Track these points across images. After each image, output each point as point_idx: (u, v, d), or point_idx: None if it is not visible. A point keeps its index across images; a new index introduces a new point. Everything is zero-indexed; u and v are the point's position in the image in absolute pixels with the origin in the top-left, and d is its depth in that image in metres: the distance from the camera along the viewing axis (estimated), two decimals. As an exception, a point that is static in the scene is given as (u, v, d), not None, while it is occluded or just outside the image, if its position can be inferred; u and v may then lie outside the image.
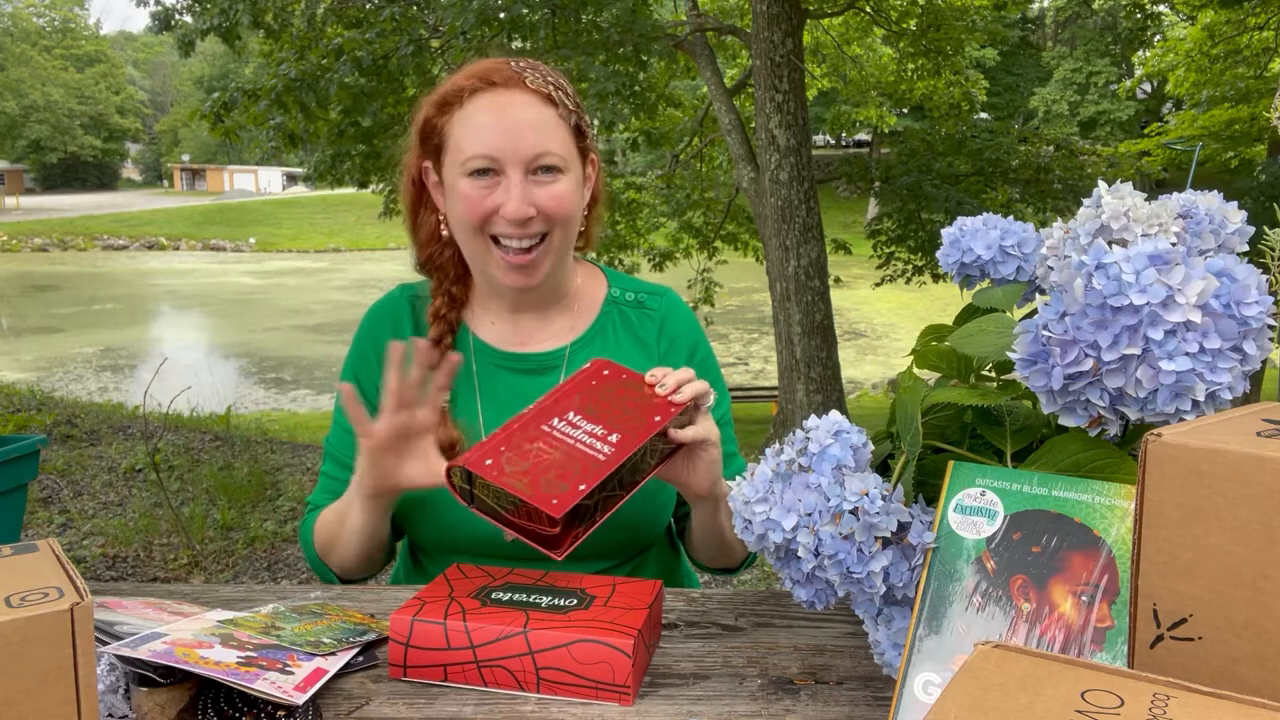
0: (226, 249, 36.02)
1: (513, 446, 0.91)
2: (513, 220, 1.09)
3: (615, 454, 0.91)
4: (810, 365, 7.20)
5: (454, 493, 0.93)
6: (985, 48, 25.60)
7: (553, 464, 0.88)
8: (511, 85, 1.10)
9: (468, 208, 1.11)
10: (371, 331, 1.27)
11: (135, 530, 4.79)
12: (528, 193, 1.09)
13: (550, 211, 1.11)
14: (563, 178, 1.12)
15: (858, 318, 20.12)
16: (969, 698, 0.43)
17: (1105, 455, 0.73)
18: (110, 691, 0.78)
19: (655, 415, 0.97)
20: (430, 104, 1.15)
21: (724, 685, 0.88)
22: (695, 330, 1.30)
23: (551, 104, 1.11)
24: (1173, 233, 0.73)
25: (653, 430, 0.95)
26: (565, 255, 1.19)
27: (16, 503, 1.18)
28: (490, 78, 1.11)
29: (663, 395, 0.99)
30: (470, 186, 1.10)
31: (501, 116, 1.09)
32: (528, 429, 0.93)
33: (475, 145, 1.09)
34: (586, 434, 0.93)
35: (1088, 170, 9.75)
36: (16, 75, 49.00)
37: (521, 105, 1.10)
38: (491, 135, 1.08)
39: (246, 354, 16.66)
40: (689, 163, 10.67)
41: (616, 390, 1.00)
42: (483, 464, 0.88)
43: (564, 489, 0.85)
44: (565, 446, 0.91)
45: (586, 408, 0.96)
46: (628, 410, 0.97)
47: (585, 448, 0.91)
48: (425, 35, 7.54)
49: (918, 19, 10.75)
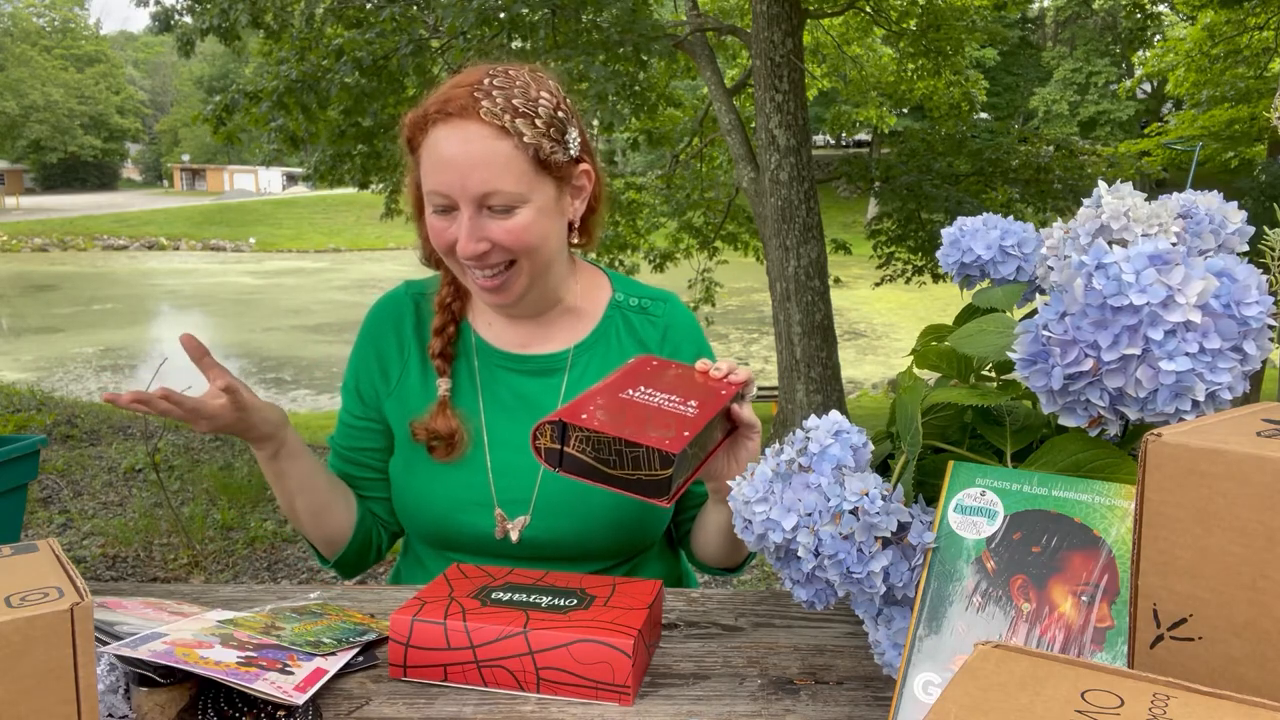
0: (226, 249, 36.03)
1: (602, 405, 0.92)
2: (464, 256, 1.10)
3: (702, 412, 0.93)
4: (810, 365, 7.20)
5: (538, 456, 0.91)
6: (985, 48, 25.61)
7: (648, 419, 0.90)
8: (467, 116, 1.07)
9: (434, 238, 1.13)
10: (372, 331, 1.28)
11: (135, 530, 4.79)
12: (478, 228, 1.08)
13: (505, 244, 1.10)
14: (519, 211, 1.09)
15: (858, 318, 20.12)
16: (969, 698, 0.43)
17: (1105, 455, 0.73)
18: (110, 691, 0.79)
19: (720, 390, 1.00)
20: (410, 121, 1.14)
21: (724, 685, 0.88)
22: (698, 337, 1.30)
23: (506, 135, 1.07)
24: (1173, 233, 0.73)
25: (723, 401, 0.98)
26: (543, 274, 1.17)
27: (16, 503, 1.18)
28: (448, 107, 1.08)
29: (719, 377, 1.02)
30: (434, 219, 1.11)
31: (454, 152, 1.07)
32: (608, 395, 0.95)
33: (431, 180, 1.09)
34: (665, 400, 0.95)
35: (1088, 170, 9.75)
36: (16, 75, 49.00)
37: (475, 139, 1.07)
38: (444, 172, 1.08)
39: (246, 354, 16.66)
40: (689, 163, 10.67)
41: (673, 373, 1.03)
42: (580, 418, 0.89)
43: (670, 434, 0.87)
44: (651, 408, 0.93)
45: (655, 383, 0.99)
46: (691, 386, 1.00)
47: (670, 409, 0.93)
48: (425, 35, 7.54)
49: (918, 19, 10.75)
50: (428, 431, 1.19)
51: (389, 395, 1.25)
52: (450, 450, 1.19)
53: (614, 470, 0.89)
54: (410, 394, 1.23)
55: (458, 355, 1.24)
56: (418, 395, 1.23)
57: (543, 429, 0.91)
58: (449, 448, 1.19)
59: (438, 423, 1.18)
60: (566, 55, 6.73)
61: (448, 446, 1.19)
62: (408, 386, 1.24)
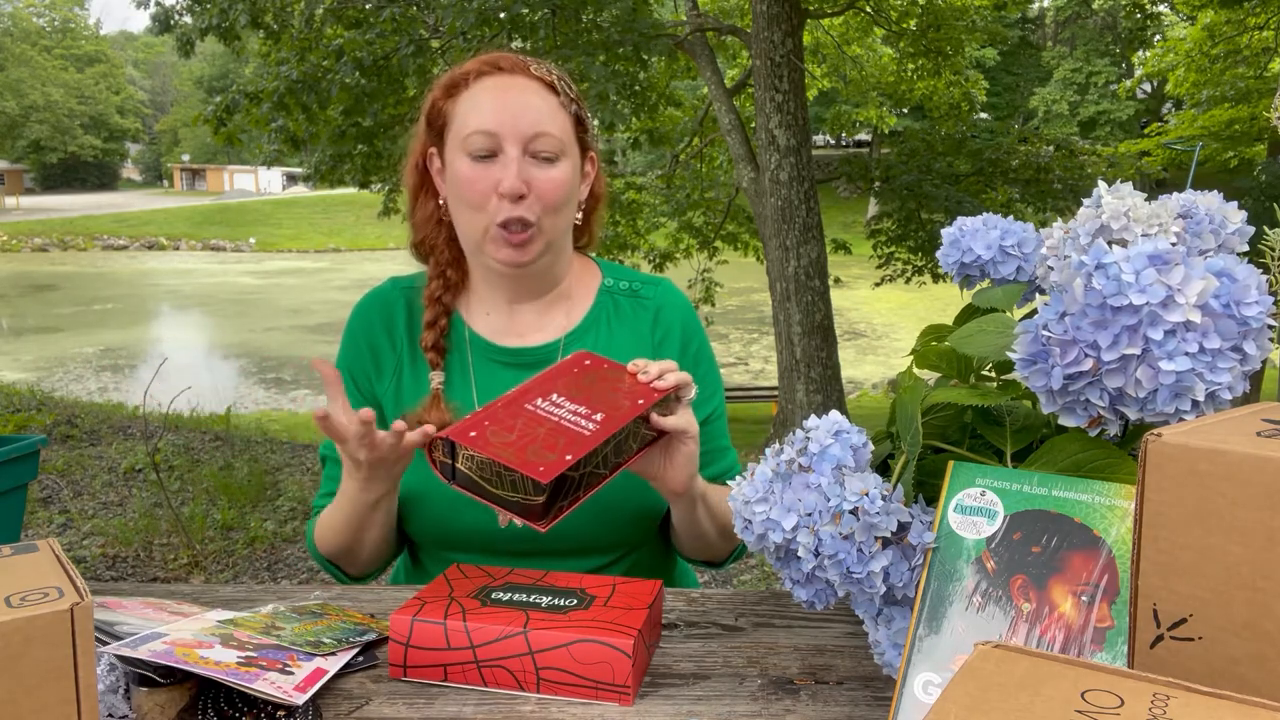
0: (226, 249, 36.02)
1: (496, 421, 0.91)
2: (507, 194, 1.11)
3: (600, 430, 0.91)
4: (810, 365, 7.20)
5: (434, 468, 0.93)
6: (985, 48, 25.61)
7: (538, 437, 0.89)
8: (516, 71, 1.16)
9: (466, 187, 1.13)
10: (363, 322, 1.27)
11: (135, 530, 4.79)
12: (524, 169, 1.12)
13: (543, 193, 1.13)
14: (559, 163, 1.15)
15: (858, 318, 20.11)
16: (969, 698, 0.43)
17: (1105, 455, 0.73)
18: (110, 691, 0.79)
19: (639, 399, 0.98)
20: (439, 87, 1.20)
21: (724, 685, 0.88)
22: (691, 321, 1.30)
23: (554, 91, 1.16)
24: (1173, 233, 0.73)
25: (636, 412, 0.96)
26: (557, 242, 1.20)
27: (16, 503, 1.18)
28: (497, 63, 1.17)
29: (645, 382, 1.01)
30: (469, 166, 1.13)
31: (504, 96, 1.14)
32: (511, 406, 0.94)
33: (477, 120, 1.13)
34: (570, 412, 0.94)
35: (1088, 170, 9.75)
36: (16, 75, 49.01)
37: (524, 88, 1.15)
38: (492, 112, 1.13)
39: (246, 354, 16.65)
40: (689, 163, 10.67)
41: (599, 377, 1.01)
42: (467, 435, 0.89)
43: (551, 458, 0.86)
44: (550, 423, 0.92)
45: (570, 390, 0.98)
46: (610, 394, 0.98)
47: (569, 424, 0.92)
48: (425, 35, 7.54)
49: (918, 19, 10.75)
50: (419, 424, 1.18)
51: (383, 389, 1.25)
52: None
53: (495, 490, 0.90)
54: (403, 388, 1.23)
55: (450, 349, 1.24)
56: (411, 389, 1.23)
57: (435, 444, 0.92)
58: None
59: (431, 416, 1.18)
60: (566, 55, 6.73)
61: None
62: (401, 381, 1.24)
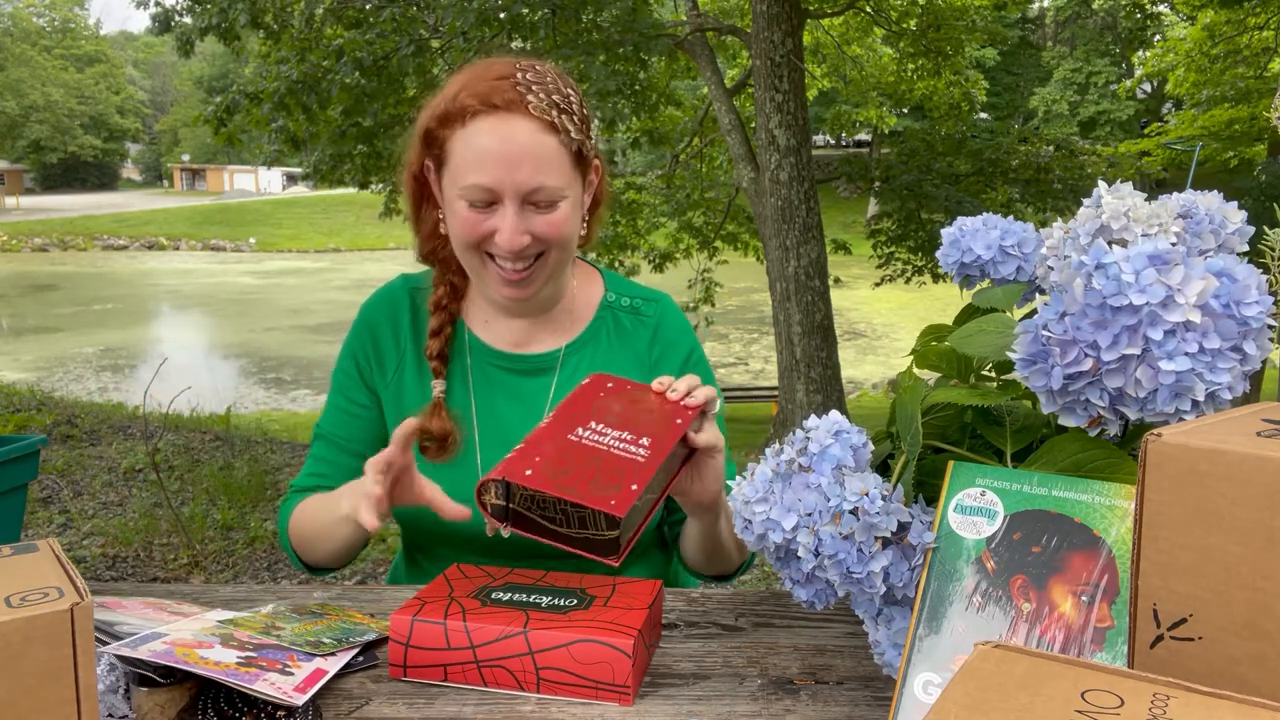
0: (226, 249, 36.02)
1: (547, 456, 0.88)
2: (509, 249, 1.09)
3: (653, 455, 0.89)
4: (810, 365, 7.20)
5: (485, 513, 0.88)
6: (985, 48, 25.61)
7: (596, 469, 0.86)
8: (514, 110, 1.07)
9: (464, 230, 1.10)
10: (370, 322, 1.27)
11: (135, 530, 4.79)
12: (523, 222, 1.08)
13: (546, 237, 1.10)
14: (561, 205, 1.10)
15: (858, 318, 20.11)
16: (969, 698, 0.43)
17: (1105, 455, 0.73)
18: (110, 691, 0.78)
19: (675, 418, 0.96)
20: (433, 115, 1.12)
21: (724, 685, 0.88)
22: (689, 337, 1.30)
23: (554, 131, 1.08)
24: (1173, 233, 0.73)
25: (679, 432, 0.94)
26: (561, 268, 1.18)
27: (16, 503, 1.18)
28: (493, 99, 1.07)
29: (674, 400, 0.99)
30: (466, 210, 1.09)
31: (502, 146, 1.06)
32: (555, 440, 0.91)
33: (474, 174, 1.07)
34: (616, 439, 0.91)
35: (1088, 170, 9.75)
36: (16, 75, 49.01)
37: (524, 134, 1.06)
38: (490, 166, 1.06)
39: (246, 354, 16.65)
40: (689, 163, 10.67)
41: (628, 400, 0.99)
42: (522, 474, 0.85)
43: (617, 490, 0.83)
44: (600, 452, 0.89)
45: (606, 416, 0.95)
46: (646, 416, 0.96)
47: (621, 453, 0.89)
48: (425, 35, 7.55)
49: (918, 19, 10.76)
50: (421, 432, 1.18)
51: (385, 388, 1.25)
52: (443, 452, 1.18)
53: (561, 529, 0.86)
54: (405, 391, 1.23)
55: (452, 356, 1.24)
56: (412, 393, 1.23)
57: (487, 486, 0.86)
58: (442, 449, 1.18)
59: (433, 424, 1.18)
60: (566, 55, 6.74)
61: (440, 448, 1.18)
62: (403, 383, 1.24)
